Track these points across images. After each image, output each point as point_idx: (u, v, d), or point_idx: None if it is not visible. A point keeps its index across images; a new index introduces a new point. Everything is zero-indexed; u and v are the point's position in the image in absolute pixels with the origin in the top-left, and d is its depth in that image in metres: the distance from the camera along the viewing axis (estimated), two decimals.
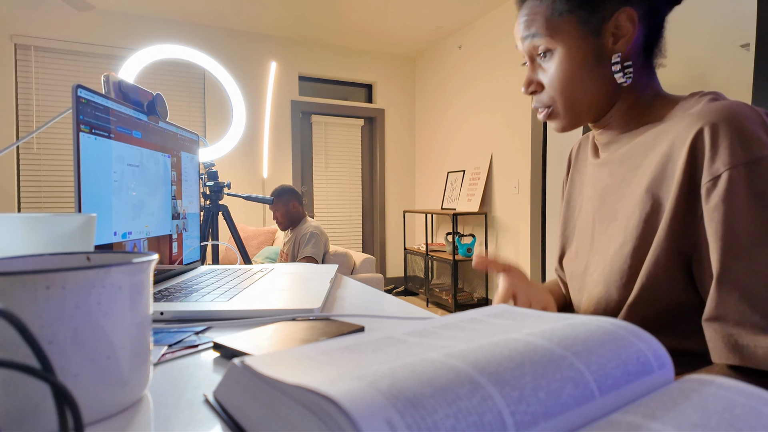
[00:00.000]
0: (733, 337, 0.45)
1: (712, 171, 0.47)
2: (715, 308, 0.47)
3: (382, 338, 0.30)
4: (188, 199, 0.94)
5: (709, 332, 0.48)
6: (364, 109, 4.50)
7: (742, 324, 0.44)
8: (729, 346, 0.45)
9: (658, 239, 0.51)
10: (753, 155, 0.45)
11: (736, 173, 0.46)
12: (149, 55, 2.52)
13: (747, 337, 0.44)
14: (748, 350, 0.44)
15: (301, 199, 2.62)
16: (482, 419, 0.19)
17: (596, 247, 0.62)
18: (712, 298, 0.47)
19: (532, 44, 0.60)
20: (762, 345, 0.43)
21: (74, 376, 0.28)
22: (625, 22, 0.57)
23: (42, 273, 0.26)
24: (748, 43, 1.95)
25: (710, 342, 0.48)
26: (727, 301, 0.46)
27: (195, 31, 3.74)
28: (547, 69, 0.60)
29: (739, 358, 0.44)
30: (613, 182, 0.61)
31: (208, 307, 0.59)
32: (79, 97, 0.58)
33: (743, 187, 0.45)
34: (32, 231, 0.45)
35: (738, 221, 0.45)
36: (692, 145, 0.49)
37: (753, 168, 0.45)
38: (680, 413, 0.22)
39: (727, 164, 0.46)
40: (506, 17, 3.39)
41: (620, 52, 0.57)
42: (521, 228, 3.29)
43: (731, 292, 0.45)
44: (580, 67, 0.58)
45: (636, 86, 0.60)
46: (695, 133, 0.49)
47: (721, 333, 0.46)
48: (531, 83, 0.62)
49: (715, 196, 0.47)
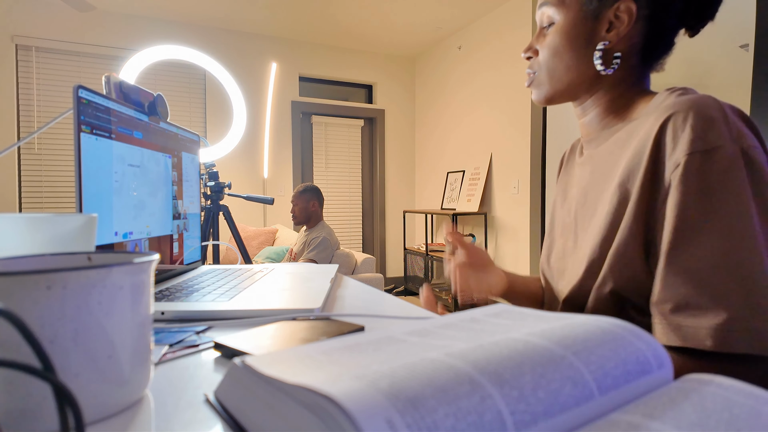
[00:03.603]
0: (675, 318, 0.47)
1: (673, 160, 0.48)
2: (661, 290, 0.48)
3: (382, 338, 0.30)
4: (189, 199, 0.95)
5: (654, 314, 0.49)
6: (364, 110, 4.50)
7: (685, 306, 0.46)
8: (671, 327, 0.47)
9: (622, 228, 0.53)
10: (709, 144, 0.46)
11: (691, 160, 0.47)
12: (150, 55, 2.52)
13: (689, 318, 0.45)
14: (689, 330, 0.45)
15: (322, 201, 2.64)
16: (482, 419, 0.19)
17: (579, 244, 0.63)
18: (658, 280, 0.49)
19: (543, 13, 0.63)
20: (704, 325, 0.44)
21: (75, 375, 0.28)
22: (623, 13, 0.58)
23: (43, 273, 0.27)
24: (747, 43, 1.95)
25: (654, 324, 0.49)
26: (672, 283, 0.47)
27: (196, 31, 3.75)
28: (546, 38, 0.63)
29: (681, 338, 0.46)
30: (593, 179, 0.62)
31: (208, 306, 0.59)
32: (80, 98, 0.58)
33: (696, 174, 0.46)
34: (33, 231, 0.45)
35: (688, 206, 0.47)
36: (657, 137, 0.51)
37: (707, 156, 0.46)
38: (679, 413, 0.22)
39: (685, 152, 0.47)
40: (506, 18, 3.39)
41: (609, 42, 0.59)
42: (521, 228, 3.29)
43: (677, 274, 0.47)
44: (569, 43, 0.61)
45: (622, 83, 0.61)
46: (660, 125, 0.50)
47: (665, 314, 0.47)
48: (529, 49, 0.66)
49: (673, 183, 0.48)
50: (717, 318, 0.44)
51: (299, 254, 2.54)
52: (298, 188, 2.62)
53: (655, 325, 0.49)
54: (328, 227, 2.60)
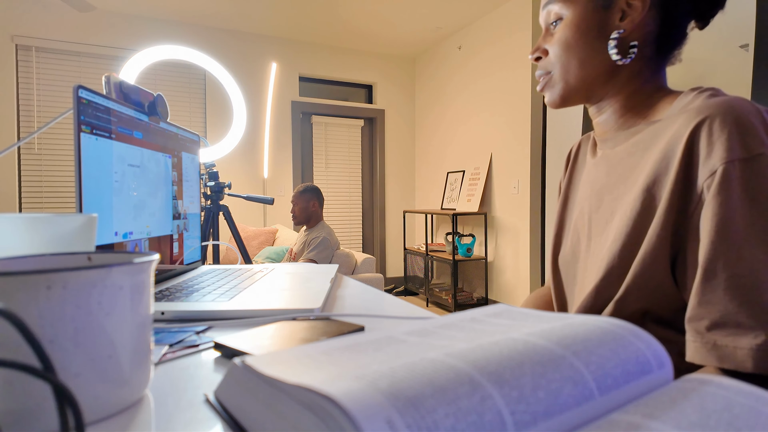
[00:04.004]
0: (711, 336, 0.43)
1: (708, 167, 0.45)
2: (697, 306, 0.45)
3: (382, 338, 0.30)
4: (189, 199, 0.95)
5: (689, 332, 0.46)
6: (364, 110, 4.50)
7: (723, 324, 0.43)
8: (707, 346, 0.44)
9: (650, 237, 0.50)
10: (750, 152, 0.44)
11: (731, 168, 0.44)
12: (150, 55, 2.52)
13: (727, 338, 0.42)
14: (727, 351, 0.42)
15: (322, 202, 2.65)
16: (482, 418, 0.19)
17: (593, 248, 0.60)
18: (695, 294, 0.45)
19: (549, 11, 0.61)
20: (742, 346, 0.41)
21: (75, 375, 0.28)
22: (636, 0, 0.56)
23: (43, 273, 0.27)
24: (747, 43, 1.95)
25: (688, 342, 0.46)
26: (710, 300, 0.44)
27: (196, 31, 3.75)
28: (554, 35, 0.61)
29: (717, 359, 0.43)
30: (610, 181, 0.59)
31: (208, 306, 0.59)
32: (80, 98, 0.58)
33: (738, 183, 0.43)
34: (33, 231, 0.45)
35: (730, 218, 0.43)
36: (689, 141, 0.48)
37: (749, 165, 0.43)
38: (679, 413, 0.22)
39: (723, 159, 0.44)
40: (506, 18, 3.39)
41: (624, 30, 0.57)
42: (521, 228, 3.29)
43: (716, 289, 0.44)
44: (582, 36, 0.58)
45: (638, 76, 0.59)
46: (692, 129, 0.48)
47: (700, 332, 0.44)
48: (537, 49, 0.63)
49: (710, 192, 0.45)
50: (759, 338, 0.40)
51: (299, 254, 2.54)
52: (299, 188, 2.62)
53: (689, 343, 0.46)
54: (328, 227, 2.60)
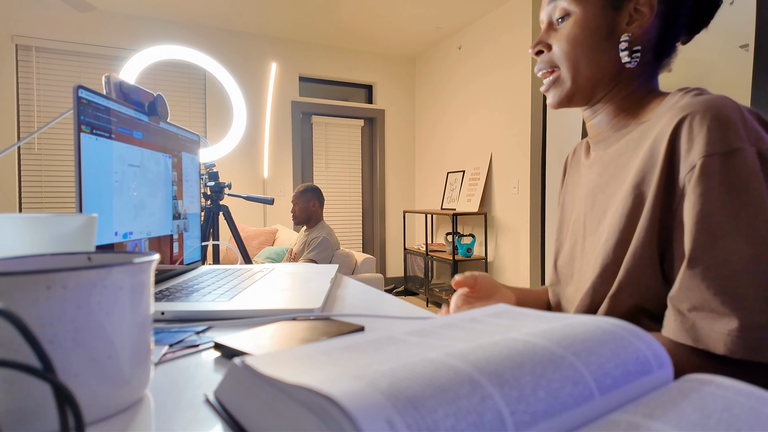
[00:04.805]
0: (690, 318, 0.46)
1: (689, 161, 0.47)
2: (679, 289, 0.47)
3: (382, 338, 0.30)
4: (189, 199, 0.95)
5: (669, 308, 0.48)
6: (364, 110, 4.50)
7: (702, 308, 0.45)
8: (686, 326, 0.46)
9: (638, 232, 0.52)
10: (728, 146, 0.45)
11: (710, 162, 0.45)
12: (150, 55, 2.52)
13: (704, 320, 0.45)
14: (702, 332, 0.44)
15: (323, 202, 2.65)
16: (482, 419, 0.19)
17: (588, 247, 0.61)
18: (679, 279, 0.48)
19: (556, 6, 0.61)
20: (717, 330, 0.43)
21: (75, 375, 0.28)
22: (643, 6, 0.57)
23: (43, 273, 0.27)
24: (747, 43, 1.95)
25: (667, 316, 0.48)
26: (691, 285, 0.46)
27: (196, 32, 3.75)
28: (560, 31, 0.61)
29: (693, 339, 0.45)
30: (602, 181, 0.61)
31: (208, 306, 0.59)
32: (80, 98, 0.58)
33: (716, 176, 0.45)
34: (33, 231, 0.45)
35: (709, 210, 0.45)
36: (671, 138, 0.49)
37: (727, 158, 0.45)
38: (679, 413, 0.22)
39: (702, 153, 0.46)
40: (506, 18, 3.39)
41: (631, 34, 0.58)
42: (521, 228, 3.29)
43: (696, 277, 0.46)
44: (591, 35, 0.59)
45: (635, 79, 0.60)
46: (674, 126, 0.49)
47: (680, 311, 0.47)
48: (539, 43, 0.63)
49: (690, 184, 0.47)
50: (731, 324, 0.43)
51: (299, 254, 2.54)
52: (299, 188, 2.62)
53: (668, 319, 0.48)
54: (328, 227, 2.60)
